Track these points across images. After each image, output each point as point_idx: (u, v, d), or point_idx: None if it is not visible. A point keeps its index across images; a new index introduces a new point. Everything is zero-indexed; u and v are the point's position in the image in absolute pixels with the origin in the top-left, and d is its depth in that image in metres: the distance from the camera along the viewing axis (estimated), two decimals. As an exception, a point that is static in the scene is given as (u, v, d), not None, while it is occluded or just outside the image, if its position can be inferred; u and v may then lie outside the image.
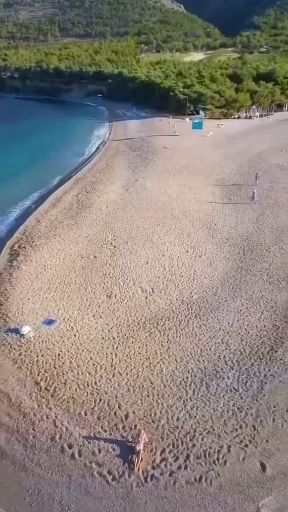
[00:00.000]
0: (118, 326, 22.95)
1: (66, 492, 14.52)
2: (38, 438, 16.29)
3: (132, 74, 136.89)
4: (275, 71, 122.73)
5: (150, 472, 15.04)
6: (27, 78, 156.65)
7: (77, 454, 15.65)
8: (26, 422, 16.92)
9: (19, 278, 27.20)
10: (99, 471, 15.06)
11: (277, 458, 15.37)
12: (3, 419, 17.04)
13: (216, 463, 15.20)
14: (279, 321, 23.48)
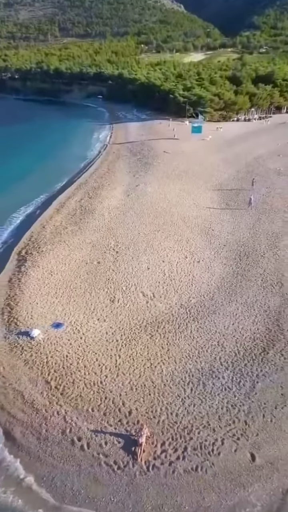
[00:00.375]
0: (121, 329, 24.72)
1: (77, 480, 16.33)
2: (50, 432, 18.08)
3: (132, 75, 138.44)
4: (274, 73, 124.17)
5: (151, 462, 16.83)
6: (28, 79, 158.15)
7: (86, 446, 17.45)
8: (39, 418, 18.71)
9: (28, 283, 28.96)
10: (106, 461, 16.85)
11: (266, 449, 17.17)
12: (18, 415, 18.84)
13: (211, 454, 17.00)
14: (271, 324, 25.26)
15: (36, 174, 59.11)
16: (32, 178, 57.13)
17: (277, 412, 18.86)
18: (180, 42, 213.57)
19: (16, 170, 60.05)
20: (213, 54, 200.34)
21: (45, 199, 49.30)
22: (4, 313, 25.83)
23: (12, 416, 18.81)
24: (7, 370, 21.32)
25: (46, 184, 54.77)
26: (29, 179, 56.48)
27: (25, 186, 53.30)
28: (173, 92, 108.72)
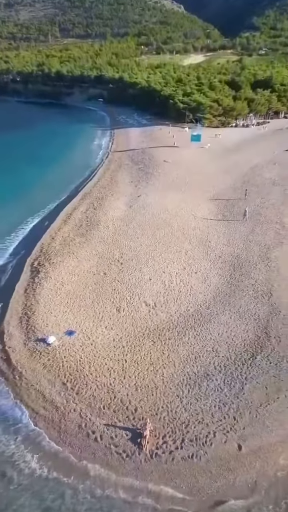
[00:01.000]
0: (126, 336, 28.07)
1: (92, 465, 19.72)
2: (68, 426, 21.48)
3: (133, 79, 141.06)
4: (272, 78, 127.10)
5: (154, 451, 20.23)
6: (29, 82, 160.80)
7: (99, 438, 20.85)
8: (59, 414, 22.11)
9: (42, 293, 32.31)
10: (116, 450, 20.26)
11: (251, 441, 20.57)
12: (41, 412, 22.24)
13: (204, 444, 20.40)
14: (260, 332, 28.64)
15: (41, 183, 62.18)
16: (37, 187, 60.22)
17: (261, 410, 22.26)
18: (180, 44, 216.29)
19: (21, 179, 63.05)
20: (213, 55, 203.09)
21: (51, 210, 52.52)
22: (22, 322, 29.19)
23: (35, 412, 22.22)
24: (29, 373, 24.70)
25: (51, 193, 57.86)
26: (34, 188, 59.55)
27: (31, 196, 56.41)
28: (173, 97, 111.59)
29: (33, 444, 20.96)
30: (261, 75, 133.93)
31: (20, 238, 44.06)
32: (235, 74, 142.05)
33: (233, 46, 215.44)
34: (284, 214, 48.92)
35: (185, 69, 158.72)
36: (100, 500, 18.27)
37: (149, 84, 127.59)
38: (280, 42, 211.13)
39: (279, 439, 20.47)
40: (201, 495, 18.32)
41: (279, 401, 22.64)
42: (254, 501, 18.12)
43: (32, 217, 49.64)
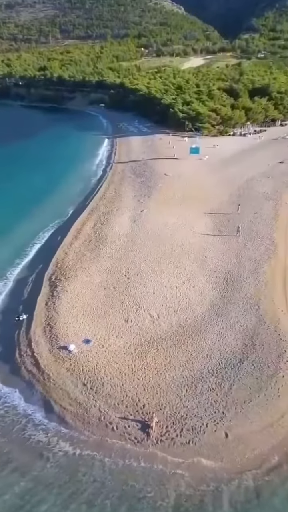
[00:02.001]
0: (134, 344, 33.71)
1: (109, 449, 25.40)
2: (90, 418, 27.14)
3: (134, 85, 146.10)
4: (270, 86, 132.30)
5: (159, 438, 25.90)
6: (32, 86, 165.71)
7: (115, 428, 26.52)
8: (82, 409, 27.77)
9: (61, 306, 37.91)
10: (129, 438, 25.94)
11: (235, 430, 26.27)
12: (67, 407, 27.91)
13: (199, 433, 26.09)
14: (247, 340, 34.29)
15: (50, 195, 67.57)
16: (47, 200, 65.57)
17: (245, 406, 27.94)
18: (180, 46, 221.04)
19: (29, 191, 68.08)
20: (212, 58, 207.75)
21: (61, 224, 57.99)
22: (46, 331, 34.83)
23: (63, 408, 27.88)
24: (55, 375, 30.35)
25: (58, 207, 63.30)
26: (44, 201, 64.87)
27: (41, 209, 61.78)
28: (173, 106, 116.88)
29: (63, 433, 26.60)
30: (258, 82, 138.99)
31: (35, 253, 49.55)
32: (234, 80, 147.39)
33: (233, 49, 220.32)
34: (273, 229, 54.50)
35: (185, 74, 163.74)
36: (117, 474, 23.98)
37: (150, 92, 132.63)
38: (279, 45, 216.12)
39: (258, 429, 26.17)
40: (195, 470, 24.01)
41: (260, 399, 28.33)
42: (234, 474, 23.82)
43: (44, 232, 55.16)
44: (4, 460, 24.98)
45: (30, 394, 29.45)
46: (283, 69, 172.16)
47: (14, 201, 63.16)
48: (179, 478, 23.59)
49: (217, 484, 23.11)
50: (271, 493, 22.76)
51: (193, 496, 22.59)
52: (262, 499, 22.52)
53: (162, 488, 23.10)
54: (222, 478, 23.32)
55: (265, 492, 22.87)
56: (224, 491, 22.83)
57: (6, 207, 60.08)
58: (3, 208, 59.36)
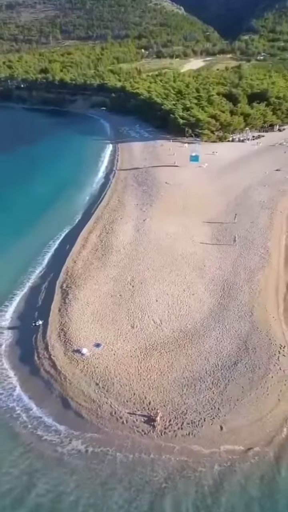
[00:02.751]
0: (140, 348, 37.99)
1: (120, 440, 29.71)
2: (103, 413, 31.44)
3: (135, 89, 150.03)
4: (268, 91, 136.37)
5: (163, 431, 30.21)
6: (34, 89, 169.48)
7: (125, 421, 30.83)
8: (95, 405, 32.07)
9: (73, 312, 42.17)
10: (137, 430, 30.24)
11: (229, 424, 30.61)
12: (83, 404, 32.21)
13: (197, 426, 30.42)
14: (241, 344, 38.60)
15: (56, 204, 71.56)
16: (52, 208, 69.54)
17: (238, 403, 32.27)
18: (180, 47, 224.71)
19: (36, 199, 72.33)
20: (212, 60, 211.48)
21: (68, 232, 62.12)
22: (60, 336, 39.10)
23: (79, 404, 32.18)
24: (70, 376, 34.65)
25: (66, 215, 67.34)
26: (50, 210, 68.84)
27: (49, 219, 65.76)
28: (173, 112, 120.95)
29: (79, 426, 30.92)
30: (257, 87, 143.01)
31: (47, 261, 53.76)
32: (233, 84, 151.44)
33: (232, 50, 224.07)
34: (268, 239, 58.73)
35: (185, 77, 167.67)
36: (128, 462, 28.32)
37: (151, 96, 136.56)
38: (278, 47, 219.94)
39: (248, 423, 30.51)
40: (194, 457, 28.37)
41: (251, 397, 32.67)
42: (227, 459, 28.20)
43: (53, 241, 59.28)
44: (30, 444, 29.35)
45: (49, 392, 33.72)
46: (282, 72, 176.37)
47: (23, 209, 67.30)
48: (181, 463, 27.92)
49: (212, 467, 27.44)
50: (256, 473, 27.18)
51: (193, 477, 26.92)
52: (247, 478, 26.94)
53: (167, 472, 27.41)
54: (217, 463, 27.64)
55: (251, 472, 27.28)
56: (218, 472, 27.18)
57: (17, 216, 64.36)
58: (14, 217, 63.60)
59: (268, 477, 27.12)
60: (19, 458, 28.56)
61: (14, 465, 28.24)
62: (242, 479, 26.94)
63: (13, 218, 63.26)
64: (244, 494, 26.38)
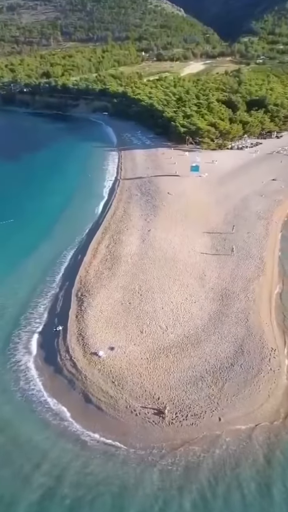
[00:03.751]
0: (148, 351, 44.09)
1: (134, 428, 35.86)
2: (119, 407, 37.57)
3: (136, 95, 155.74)
4: (266, 98, 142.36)
5: (171, 421, 36.36)
6: (36, 93, 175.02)
7: (138, 413, 36.98)
8: (112, 400, 38.20)
9: (88, 319, 48.24)
10: (148, 420, 36.41)
11: (226, 415, 36.80)
12: (102, 399, 38.34)
13: (199, 418, 36.59)
14: (237, 348, 44.72)
15: (66, 214, 77.82)
16: (63, 219, 75.76)
17: (234, 398, 38.44)
18: (180, 49, 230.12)
19: (47, 209, 78.65)
20: (212, 64, 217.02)
21: (80, 242, 68.04)
22: (79, 340, 45.21)
23: (99, 399, 38.31)
24: (90, 375, 40.76)
25: (76, 226, 73.27)
26: (61, 220, 75.06)
27: (60, 229, 71.80)
28: (174, 119, 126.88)
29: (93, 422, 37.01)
30: (256, 93, 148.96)
31: (62, 271, 59.73)
32: (232, 90, 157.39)
33: (232, 53, 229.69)
34: (263, 249, 64.79)
35: (185, 82, 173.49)
36: (141, 446, 34.49)
37: (152, 104, 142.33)
38: (277, 50, 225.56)
39: (242, 414, 36.69)
40: (196, 443, 34.57)
41: (245, 393, 38.83)
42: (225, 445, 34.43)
43: (67, 250, 65.20)
44: (62, 431, 35.51)
45: (72, 388, 39.87)
46: (280, 77, 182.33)
47: (37, 220, 73.44)
48: (185, 447, 34.10)
49: (212, 450, 33.64)
50: (246, 453, 33.39)
51: (196, 458, 33.11)
52: (238, 458, 33.16)
53: (174, 455, 33.61)
54: (215, 446, 33.88)
55: (242, 452, 33.49)
56: (216, 453, 33.39)
57: (31, 227, 70.45)
58: (29, 228, 69.70)
59: (256, 456, 33.37)
60: (52, 446, 34.67)
61: (49, 450, 34.36)
62: (234, 459, 33.14)
63: (28, 229, 69.23)
64: (235, 470, 32.51)
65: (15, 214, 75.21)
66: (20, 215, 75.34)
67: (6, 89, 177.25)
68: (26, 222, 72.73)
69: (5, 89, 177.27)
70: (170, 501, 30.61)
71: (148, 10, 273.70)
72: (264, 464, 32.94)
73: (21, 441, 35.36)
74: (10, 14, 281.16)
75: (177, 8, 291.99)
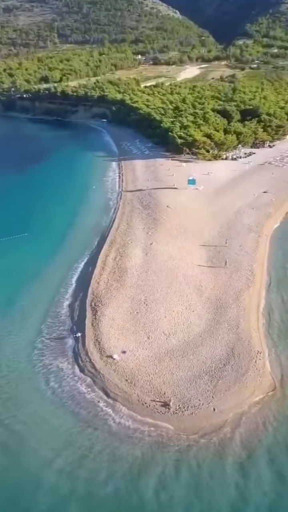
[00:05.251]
0: (154, 354, 53.68)
1: (145, 417, 45.57)
2: (133, 400, 47.20)
3: (134, 102, 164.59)
4: (259, 108, 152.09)
5: (175, 411, 46.04)
6: (36, 100, 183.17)
7: (148, 405, 46.60)
8: (127, 394, 47.80)
9: (103, 326, 57.72)
10: (156, 411, 46.09)
11: (219, 406, 46.56)
12: (119, 394, 47.92)
13: (198, 408, 46.30)
14: (229, 351, 54.45)
15: (74, 227, 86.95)
16: (71, 233, 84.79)
17: (226, 393, 48.19)
18: (176, 52, 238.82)
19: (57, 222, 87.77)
20: (208, 68, 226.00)
21: (89, 255, 77.28)
22: (96, 345, 54.73)
23: (116, 394, 47.92)
24: (107, 375, 50.29)
25: (84, 239, 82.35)
26: (69, 234, 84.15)
27: (70, 242, 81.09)
28: (172, 130, 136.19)
29: (112, 412, 46.61)
30: (249, 103, 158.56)
31: (75, 283, 69.09)
32: (227, 98, 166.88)
33: (227, 57, 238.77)
34: (254, 261, 74.58)
35: (181, 89, 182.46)
36: (151, 430, 44.19)
37: (150, 113, 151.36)
38: (271, 54, 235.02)
39: (232, 406, 46.51)
40: (195, 427, 44.35)
41: (235, 389, 48.60)
42: (218, 428, 44.25)
43: (78, 263, 74.50)
44: (85, 418, 45.09)
45: (92, 388, 49.39)
46: (274, 84, 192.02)
47: (48, 233, 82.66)
48: (189, 433, 43.86)
49: (209, 434, 43.41)
50: (232, 432, 43.24)
51: (193, 437, 42.89)
52: (230, 437, 42.97)
53: (178, 437, 43.35)
54: (211, 430, 43.70)
55: (229, 431, 43.32)
56: (211, 435, 43.18)
57: (44, 239, 79.69)
58: (42, 240, 78.98)
59: (242, 436, 43.23)
60: (82, 430, 44.27)
61: (79, 434, 43.93)
62: (225, 440, 42.96)
63: (41, 242, 78.50)
64: (224, 447, 42.25)
65: (29, 227, 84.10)
66: (33, 228, 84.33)
67: (6, 95, 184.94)
68: (39, 235, 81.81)
69: (5, 95, 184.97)
70: (175, 467, 40.46)
71: (144, 12, 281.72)
72: (247, 442, 42.77)
73: (61, 426, 44.85)
74: (6, 15, 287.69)
75: (172, 10, 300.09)
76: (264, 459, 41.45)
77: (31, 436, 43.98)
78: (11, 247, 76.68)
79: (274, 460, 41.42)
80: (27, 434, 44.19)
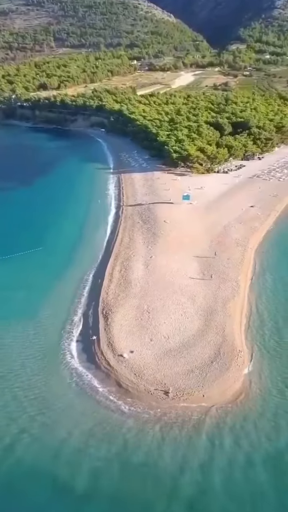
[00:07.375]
0: (156, 353, 69.25)
1: (150, 402, 61.30)
2: (140, 389, 62.70)
3: (131, 114, 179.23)
4: (250, 121, 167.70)
5: (173, 397, 61.69)
6: (36, 108, 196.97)
7: (152, 393, 62.03)
8: (135, 385, 63.38)
9: (113, 331, 73.13)
10: (159, 397, 61.72)
11: (208, 393, 62.33)
12: (129, 384, 63.49)
13: (191, 395, 61.94)
14: (216, 351, 70.14)
15: (81, 241, 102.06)
16: (80, 246, 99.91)
17: (213, 383, 63.88)
18: (171, 57, 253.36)
19: (66, 239, 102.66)
20: (201, 75, 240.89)
21: (97, 268, 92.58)
22: (109, 346, 70.17)
23: (127, 385, 63.37)
24: (119, 370, 65.76)
25: (91, 253, 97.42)
26: (78, 248, 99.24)
27: (79, 256, 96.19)
28: (167, 143, 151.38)
29: (125, 398, 62.17)
30: (240, 115, 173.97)
31: (86, 294, 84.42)
32: (220, 109, 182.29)
33: (220, 63, 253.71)
34: (239, 273, 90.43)
35: (176, 98, 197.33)
36: (154, 411, 59.85)
37: (146, 125, 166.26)
38: (263, 61, 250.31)
39: (218, 392, 62.29)
40: (190, 410, 60.06)
41: (220, 380, 64.32)
42: (207, 410, 60.02)
43: (87, 275, 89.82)
44: (104, 404, 60.58)
45: (108, 379, 64.93)
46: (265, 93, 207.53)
47: (59, 247, 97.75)
48: (185, 413, 59.54)
49: (201, 415, 59.13)
50: (217, 414, 58.99)
51: (188, 418, 58.55)
52: (216, 415, 58.67)
53: (176, 416, 59.04)
54: (203, 412, 59.46)
55: (216, 413, 59.05)
56: (201, 415, 58.91)
57: (56, 253, 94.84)
58: (54, 254, 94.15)
59: (224, 414, 59.04)
60: (103, 412, 59.74)
61: (92, 419, 59.30)
62: (212, 418, 58.69)
63: (54, 256, 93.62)
64: (211, 423, 57.98)
65: (42, 241, 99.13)
66: (46, 242, 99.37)
67: (7, 103, 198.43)
68: (52, 249, 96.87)
69: (6, 103, 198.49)
70: (171, 440, 56.10)
71: (139, 17, 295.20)
72: (228, 418, 58.59)
73: (86, 410, 60.09)
74: (2, 19, 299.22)
75: (167, 14, 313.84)
76: (236, 428, 57.46)
77: (63, 417, 59.34)
78: (30, 261, 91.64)
79: (242, 428, 57.36)
80: (60, 416, 59.53)
